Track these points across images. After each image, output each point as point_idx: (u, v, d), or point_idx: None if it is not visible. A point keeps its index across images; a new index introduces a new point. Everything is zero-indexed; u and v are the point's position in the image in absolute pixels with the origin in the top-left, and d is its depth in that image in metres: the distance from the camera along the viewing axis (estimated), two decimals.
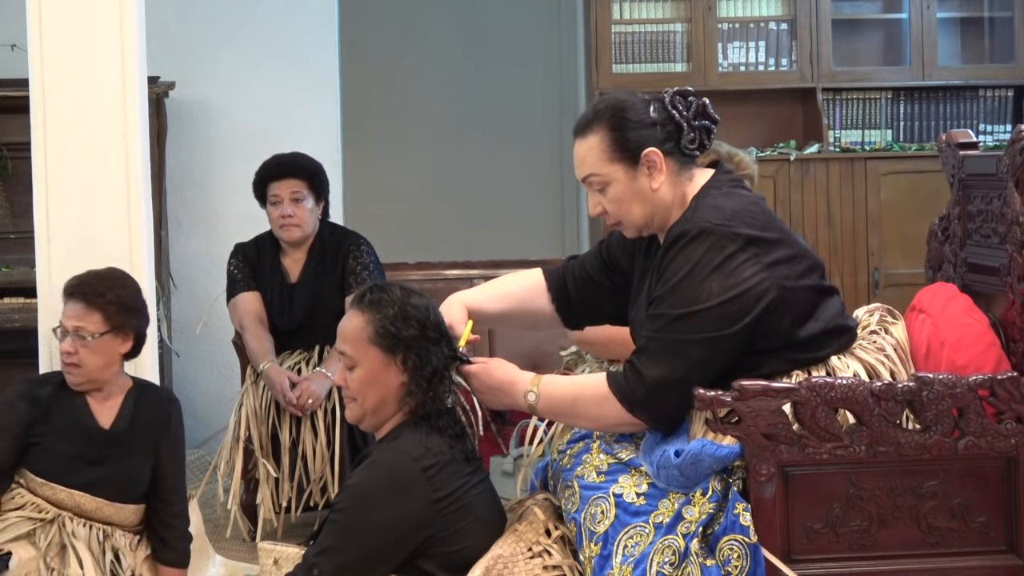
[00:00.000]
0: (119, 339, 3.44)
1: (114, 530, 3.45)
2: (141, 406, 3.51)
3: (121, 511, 3.47)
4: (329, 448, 4.43)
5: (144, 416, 3.50)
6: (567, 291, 3.04)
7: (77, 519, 3.40)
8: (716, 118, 2.79)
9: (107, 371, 3.46)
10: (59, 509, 3.40)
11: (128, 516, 3.50)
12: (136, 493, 3.50)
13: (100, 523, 3.43)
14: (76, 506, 3.41)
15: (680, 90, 2.79)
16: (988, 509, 2.69)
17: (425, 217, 7.51)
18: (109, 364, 3.45)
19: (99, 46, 3.78)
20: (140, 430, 3.49)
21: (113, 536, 3.45)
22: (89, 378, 3.43)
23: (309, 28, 6.14)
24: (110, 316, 3.41)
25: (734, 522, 2.57)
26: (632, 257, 2.93)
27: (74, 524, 3.39)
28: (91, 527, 3.41)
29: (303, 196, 4.67)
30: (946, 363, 2.79)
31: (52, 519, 3.38)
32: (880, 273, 5.96)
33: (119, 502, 3.46)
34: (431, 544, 2.65)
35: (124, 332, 3.44)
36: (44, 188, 3.79)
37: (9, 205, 5.48)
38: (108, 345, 3.42)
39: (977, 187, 3.06)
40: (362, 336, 2.73)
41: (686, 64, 6.10)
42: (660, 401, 2.65)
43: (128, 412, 3.49)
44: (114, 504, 3.45)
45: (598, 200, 2.80)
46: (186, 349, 5.99)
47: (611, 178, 2.76)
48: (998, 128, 6.16)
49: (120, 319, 3.43)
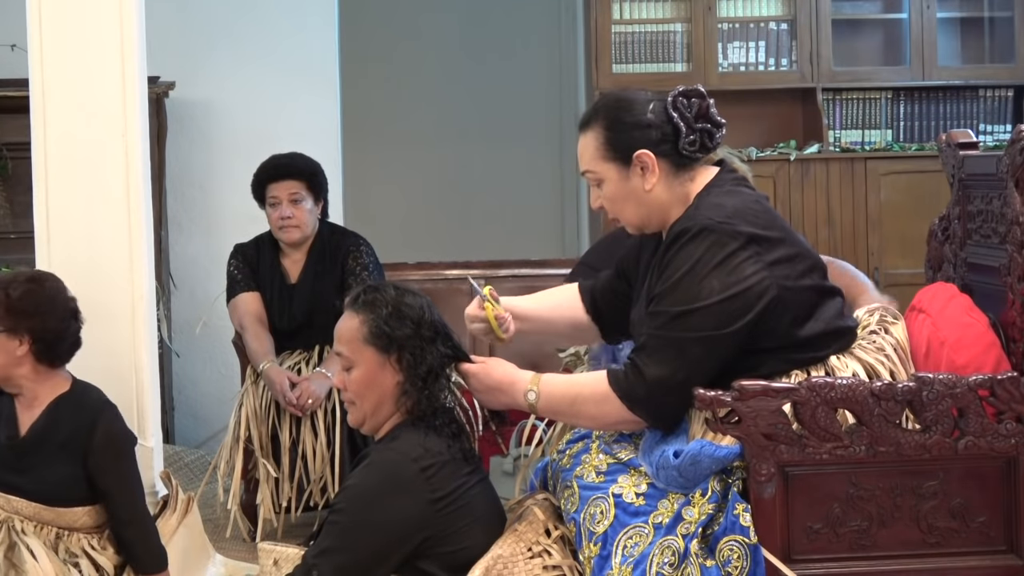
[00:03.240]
0: (15, 340, 3.36)
1: (69, 533, 3.39)
2: (62, 413, 3.42)
3: (63, 515, 3.39)
4: (329, 448, 4.43)
5: (63, 424, 3.41)
6: (601, 303, 3.04)
7: (26, 521, 3.36)
8: (719, 121, 2.76)
9: (11, 374, 3.39)
10: (6, 512, 3.36)
11: (76, 519, 3.41)
12: (73, 498, 3.41)
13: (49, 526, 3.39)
14: (15, 510, 3.36)
15: (685, 91, 2.77)
16: (988, 509, 2.69)
17: (425, 217, 7.51)
18: (8, 366, 3.38)
19: (99, 46, 3.78)
20: (57, 438, 3.40)
21: (68, 538, 3.39)
22: None
23: (309, 28, 6.14)
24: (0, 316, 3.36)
25: (734, 523, 2.56)
26: (638, 260, 2.93)
27: (23, 525, 3.35)
28: (41, 527, 3.37)
29: (302, 197, 4.66)
30: (946, 363, 2.79)
31: (2, 521, 3.34)
32: (880, 273, 5.96)
33: (56, 507, 3.39)
34: (430, 544, 2.65)
35: (17, 333, 3.36)
36: (44, 188, 3.79)
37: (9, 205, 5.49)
38: (3, 346, 3.35)
39: (977, 187, 3.06)
40: (357, 337, 2.73)
41: (686, 64, 6.10)
42: (661, 399, 2.65)
43: (45, 419, 3.41)
44: (53, 509, 3.38)
45: (598, 194, 2.81)
46: (186, 349, 5.99)
47: (604, 176, 2.77)
48: (998, 128, 6.16)
49: (10, 320, 3.35)
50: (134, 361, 3.74)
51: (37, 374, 3.42)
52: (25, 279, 3.42)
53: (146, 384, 3.82)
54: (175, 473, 4.84)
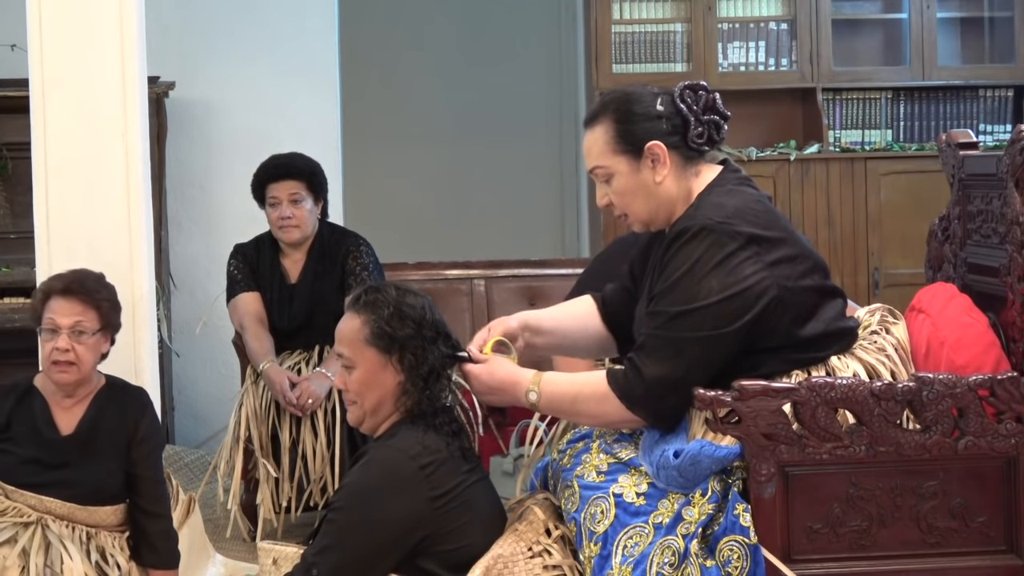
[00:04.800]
0: (106, 339, 3.45)
1: (98, 532, 3.42)
2: (107, 410, 3.46)
3: (95, 514, 3.43)
4: (329, 448, 4.43)
5: (110, 420, 3.45)
6: (613, 312, 3.01)
7: (59, 521, 3.38)
8: (726, 113, 2.78)
9: (93, 370, 3.46)
10: (38, 513, 3.38)
11: (105, 518, 3.45)
12: (107, 496, 3.45)
13: (80, 525, 3.41)
14: (47, 511, 3.37)
15: (691, 84, 2.78)
16: (988, 509, 2.69)
17: (425, 217, 7.51)
18: (96, 364, 3.46)
19: (99, 46, 3.78)
20: (105, 434, 3.44)
21: (97, 537, 3.41)
22: (84, 376, 3.42)
23: (309, 28, 6.14)
24: (104, 314, 3.42)
25: (734, 523, 2.57)
26: (646, 261, 2.93)
27: (57, 525, 3.36)
28: (73, 528, 3.39)
29: (301, 197, 4.66)
30: (946, 363, 2.79)
31: (35, 522, 3.36)
32: (880, 273, 5.95)
33: (90, 505, 3.42)
34: (430, 542, 2.65)
35: (110, 332, 3.46)
36: (44, 188, 3.79)
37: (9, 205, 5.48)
38: (99, 344, 3.43)
39: (977, 187, 3.06)
40: (358, 337, 2.73)
41: (686, 64, 6.10)
42: (660, 399, 2.65)
43: (91, 417, 3.45)
44: (86, 508, 3.41)
45: (605, 191, 2.81)
46: (186, 349, 5.99)
47: (615, 170, 2.76)
48: (998, 128, 6.16)
49: (111, 318, 3.44)
50: (134, 361, 3.74)
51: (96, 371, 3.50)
52: (97, 276, 3.49)
53: (146, 384, 3.82)
54: (175, 473, 4.84)
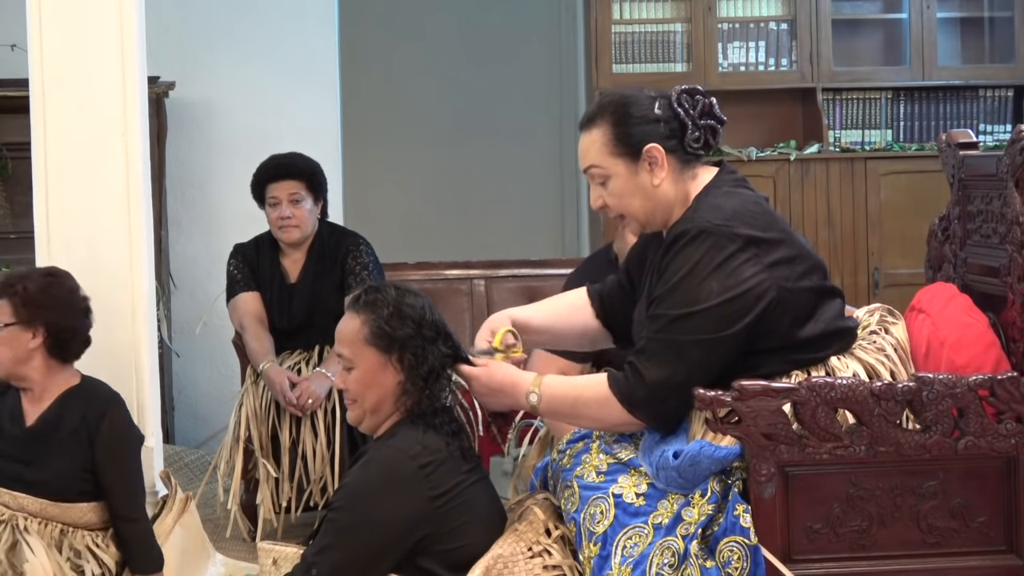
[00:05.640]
0: (28, 333, 3.39)
1: (74, 530, 3.41)
2: (70, 407, 3.44)
3: (69, 511, 3.41)
4: (329, 448, 4.43)
5: (71, 414, 3.43)
6: (610, 305, 3.02)
7: (31, 519, 3.37)
8: (722, 118, 2.78)
9: (22, 366, 3.41)
10: (11, 511, 3.38)
11: (81, 515, 3.43)
12: (75, 492, 3.42)
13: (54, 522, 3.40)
14: (20, 507, 3.37)
15: (688, 88, 2.79)
16: (988, 509, 2.69)
17: (425, 217, 7.51)
18: (20, 359, 3.40)
19: (99, 46, 3.78)
20: (66, 427, 3.42)
21: (72, 535, 3.40)
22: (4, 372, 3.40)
23: (309, 28, 6.14)
24: (16, 308, 3.38)
25: (734, 523, 2.56)
26: (643, 261, 2.93)
27: (27, 522, 3.36)
28: (45, 524, 3.38)
29: (301, 197, 4.66)
30: (946, 363, 2.79)
31: (6, 520, 3.36)
32: (880, 273, 5.96)
33: (61, 502, 3.40)
34: (429, 542, 2.65)
35: (32, 326, 3.39)
36: (44, 188, 3.79)
37: (9, 205, 5.49)
38: (16, 338, 3.39)
39: (977, 187, 3.06)
40: (358, 338, 2.73)
41: (686, 64, 6.10)
42: (661, 402, 2.65)
43: (53, 413, 3.43)
44: (58, 504, 3.40)
45: (600, 193, 2.80)
46: (186, 349, 5.99)
47: (612, 172, 2.76)
48: (998, 128, 6.16)
49: (26, 312, 3.38)
50: (134, 361, 3.75)
51: (48, 368, 3.44)
52: (42, 274, 3.47)
53: (146, 384, 3.83)
54: (175, 473, 4.84)
